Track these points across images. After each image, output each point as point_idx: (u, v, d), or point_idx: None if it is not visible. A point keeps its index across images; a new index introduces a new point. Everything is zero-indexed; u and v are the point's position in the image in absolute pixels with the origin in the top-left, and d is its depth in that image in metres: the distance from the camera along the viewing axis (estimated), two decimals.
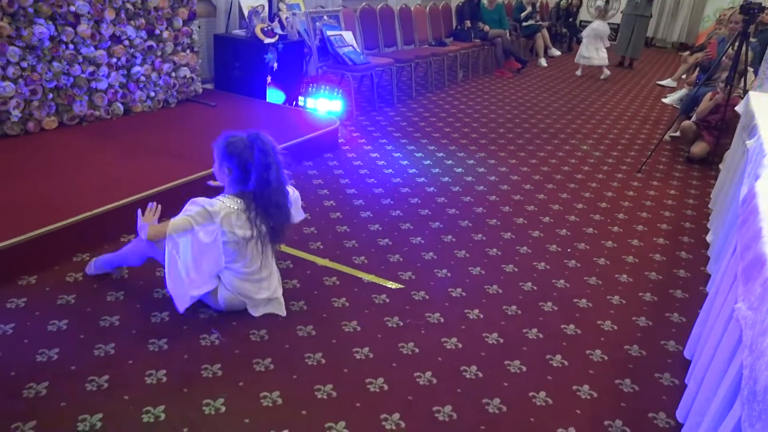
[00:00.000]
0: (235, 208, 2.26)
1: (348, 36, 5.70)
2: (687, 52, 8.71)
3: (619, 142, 5.55)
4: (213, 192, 2.38)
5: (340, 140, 4.62)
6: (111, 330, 2.26)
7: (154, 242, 2.28)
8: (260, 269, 2.37)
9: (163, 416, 1.88)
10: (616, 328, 2.61)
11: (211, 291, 2.35)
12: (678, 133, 5.45)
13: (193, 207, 2.23)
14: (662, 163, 5.04)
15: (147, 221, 2.28)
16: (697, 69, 7.10)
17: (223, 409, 1.94)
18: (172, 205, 3.14)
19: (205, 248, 2.23)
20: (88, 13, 3.72)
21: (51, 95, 3.70)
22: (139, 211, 2.32)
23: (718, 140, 5.00)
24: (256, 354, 2.20)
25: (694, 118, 5.21)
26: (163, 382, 2.02)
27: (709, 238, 3.56)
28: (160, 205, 2.35)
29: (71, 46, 3.71)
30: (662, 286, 3.02)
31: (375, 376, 2.15)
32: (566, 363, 2.34)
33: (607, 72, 8.83)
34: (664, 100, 7.62)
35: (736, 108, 4.69)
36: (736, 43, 4.64)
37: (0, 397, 1.89)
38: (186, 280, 2.23)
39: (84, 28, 3.71)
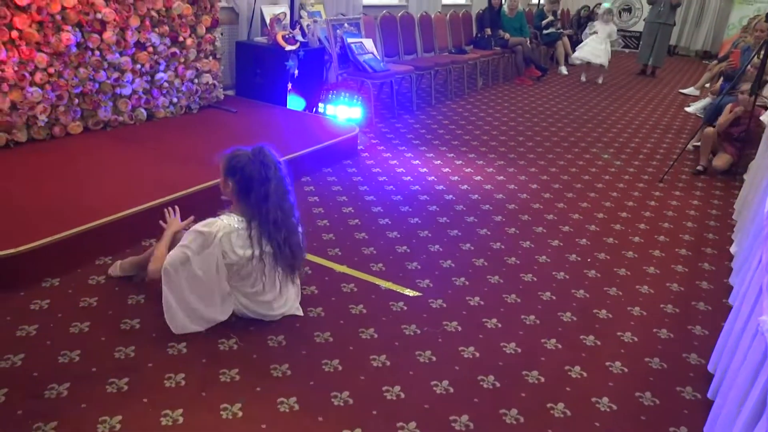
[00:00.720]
0: (236, 226, 2.23)
1: (368, 43, 5.73)
2: (714, 61, 8.61)
3: (640, 152, 5.49)
4: (228, 204, 2.40)
5: (359, 147, 4.64)
6: (131, 333, 2.28)
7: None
8: (265, 290, 2.33)
9: (181, 420, 1.89)
10: (636, 339, 2.57)
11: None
12: (699, 143, 5.37)
13: (187, 235, 2.21)
14: (685, 173, 4.97)
15: (170, 225, 2.30)
16: (721, 78, 7.01)
17: (241, 414, 1.95)
18: (192, 209, 3.18)
19: (200, 281, 2.22)
20: (114, 20, 3.79)
21: (77, 101, 3.77)
22: (165, 218, 2.35)
23: (741, 152, 4.92)
24: (274, 360, 2.21)
25: (717, 130, 5.13)
26: (182, 386, 2.04)
27: (732, 249, 3.49)
28: (177, 207, 2.37)
29: (97, 52, 3.78)
30: (684, 297, 2.97)
31: (392, 384, 2.14)
32: (585, 374, 2.31)
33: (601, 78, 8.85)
34: (687, 110, 7.52)
35: (761, 118, 4.62)
36: (762, 52, 4.57)
37: (23, 397, 1.92)
38: (181, 315, 2.25)
39: (110, 35, 3.78)
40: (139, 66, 4.06)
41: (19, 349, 2.12)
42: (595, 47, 8.69)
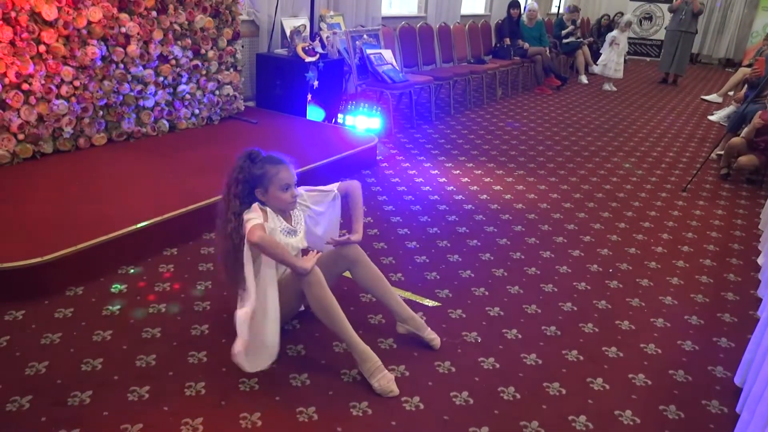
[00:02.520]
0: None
1: (387, 54, 5.76)
2: (741, 68, 8.50)
3: (662, 161, 5.42)
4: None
5: (378, 157, 4.65)
6: (153, 342, 2.31)
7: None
8: None
9: (201, 428, 1.90)
10: (660, 351, 2.53)
11: None
12: (722, 151, 5.28)
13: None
14: (708, 182, 4.89)
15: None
16: (745, 86, 6.91)
17: (260, 423, 1.95)
18: (213, 219, 3.22)
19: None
20: (138, 34, 3.86)
21: (101, 113, 3.84)
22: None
23: None
24: (293, 369, 2.21)
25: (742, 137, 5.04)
26: (202, 395, 2.05)
27: (760, 260, 3.42)
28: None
29: (121, 65, 3.85)
30: (709, 309, 2.92)
31: (410, 395, 2.13)
32: (607, 387, 2.27)
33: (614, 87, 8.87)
34: (711, 118, 7.42)
35: None
36: None
37: (46, 404, 1.95)
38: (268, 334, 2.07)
39: (133, 48, 3.86)
40: (161, 78, 4.13)
41: (43, 357, 2.15)
42: (617, 62, 8.69)
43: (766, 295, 2.74)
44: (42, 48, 3.40)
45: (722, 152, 5.26)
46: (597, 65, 9.09)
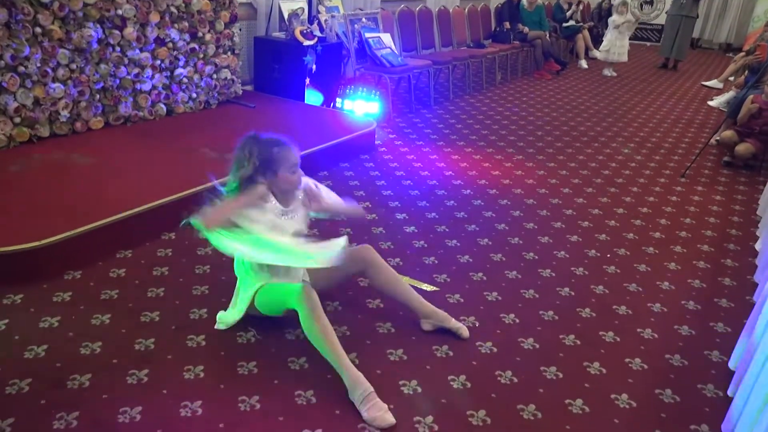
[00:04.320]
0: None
1: (386, 38, 5.71)
2: (742, 53, 8.44)
3: (661, 146, 5.41)
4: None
5: (376, 142, 4.64)
6: (151, 325, 2.31)
7: None
8: None
9: (200, 411, 1.92)
10: (656, 336, 2.54)
11: None
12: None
13: None
14: (707, 167, 4.89)
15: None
16: (746, 71, 6.88)
17: (258, 406, 1.96)
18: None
19: None
20: (134, 16, 3.82)
21: (98, 96, 3.82)
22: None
23: (766, 145, 4.82)
24: (292, 353, 2.22)
25: (737, 124, 5.03)
26: (201, 378, 2.06)
27: (757, 246, 3.43)
28: None
29: (118, 48, 3.82)
30: (706, 294, 2.93)
31: (408, 378, 2.14)
32: (604, 371, 2.29)
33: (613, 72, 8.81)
34: (711, 103, 7.39)
35: None
36: None
37: (46, 387, 1.96)
38: None
39: (130, 31, 3.82)
40: (158, 62, 4.10)
41: (42, 340, 2.16)
42: (620, 45, 8.61)
43: (763, 280, 2.75)
44: (37, 30, 3.37)
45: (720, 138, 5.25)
46: (600, 51, 9.00)
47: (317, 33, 5.15)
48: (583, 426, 2.01)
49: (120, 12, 3.74)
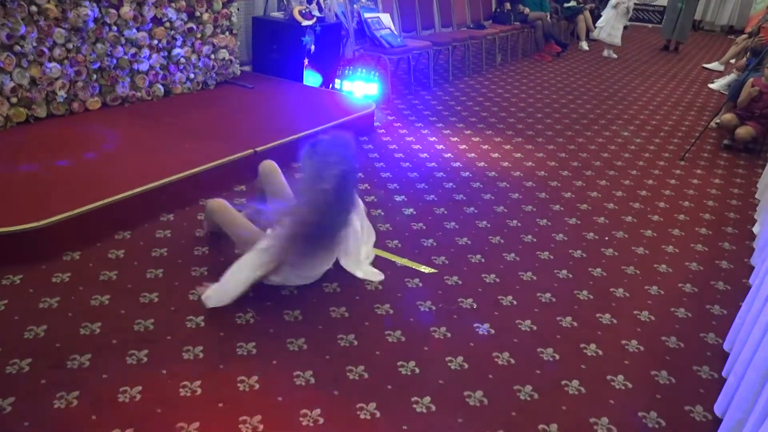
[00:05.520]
0: None
1: (385, 18, 5.65)
2: (744, 35, 8.37)
3: (661, 129, 5.39)
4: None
5: (375, 124, 4.61)
6: (150, 306, 2.32)
7: None
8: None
9: (199, 391, 1.93)
10: (653, 318, 2.56)
11: None
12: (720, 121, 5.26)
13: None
14: (707, 151, 4.88)
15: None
16: (747, 53, 6.83)
17: (257, 386, 1.98)
18: (208, 184, 3.21)
19: None
20: None
21: (95, 76, 3.78)
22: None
23: (766, 127, 4.81)
24: (290, 334, 2.24)
25: (737, 107, 5.01)
26: (200, 358, 2.07)
27: (755, 229, 3.44)
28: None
29: (115, 28, 3.78)
30: (703, 277, 2.94)
31: (407, 360, 2.16)
32: (600, 352, 2.31)
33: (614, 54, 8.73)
34: (711, 86, 7.36)
35: None
36: None
37: (46, 367, 1.97)
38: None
39: (127, 10, 3.78)
40: (156, 42, 4.06)
41: (42, 321, 2.17)
42: (613, 26, 8.53)
43: (759, 263, 2.76)
44: (33, 9, 3.33)
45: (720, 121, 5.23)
46: (596, 27, 8.95)
47: (316, 13, 5.09)
48: (580, 406, 2.03)
49: None
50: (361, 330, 2.30)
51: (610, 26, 8.57)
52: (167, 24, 4.09)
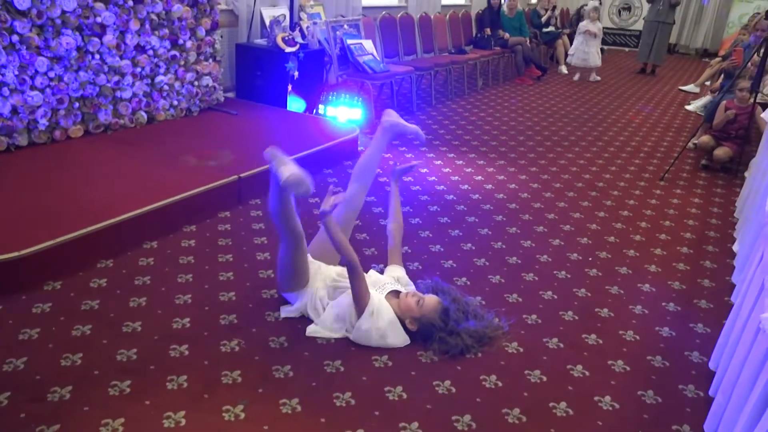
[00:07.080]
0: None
1: (368, 44, 5.73)
2: (718, 58, 8.58)
3: (641, 150, 5.49)
4: None
5: (359, 148, 4.64)
6: (133, 336, 2.29)
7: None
8: None
9: (183, 422, 1.90)
10: (638, 338, 2.57)
11: None
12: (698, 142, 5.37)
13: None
14: (686, 171, 4.97)
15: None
16: (722, 75, 7.01)
17: (243, 415, 1.95)
18: (193, 211, 3.19)
19: None
20: (114, 23, 3.79)
21: (77, 104, 3.77)
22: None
23: (743, 148, 4.91)
24: (276, 361, 2.21)
25: (713, 129, 5.12)
26: (184, 388, 2.04)
27: (735, 247, 3.49)
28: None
29: (97, 56, 3.78)
30: (686, 296, 2.97)
31: (394, 385, 2.14)
32: (587, 373, 2.31)
33: (597, 76, 8.88)
34: (688, 108, 7.52)
35: (762, 115, 4.61)
36: (761, 50, 4.57)
37: (25, 400, 1.92)
38: None
39: (110, 38, 3.79)
40: (139, 69, 4.07)
41: (21, 353, 2.13)
42: (585, 51, 8.70)
43: (740, 281, 2.80)
44: (15, 38, 3.33)
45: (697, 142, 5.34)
46: (568, 54, 9.11)
47: (299, 40, 5.15)
48: (568, 428, 2.03)
49: (99, 19, 3.71)
50: (348, 356, 2.28)
51: (581, 51, 8.75)
52: (150, 51, 4.10)
